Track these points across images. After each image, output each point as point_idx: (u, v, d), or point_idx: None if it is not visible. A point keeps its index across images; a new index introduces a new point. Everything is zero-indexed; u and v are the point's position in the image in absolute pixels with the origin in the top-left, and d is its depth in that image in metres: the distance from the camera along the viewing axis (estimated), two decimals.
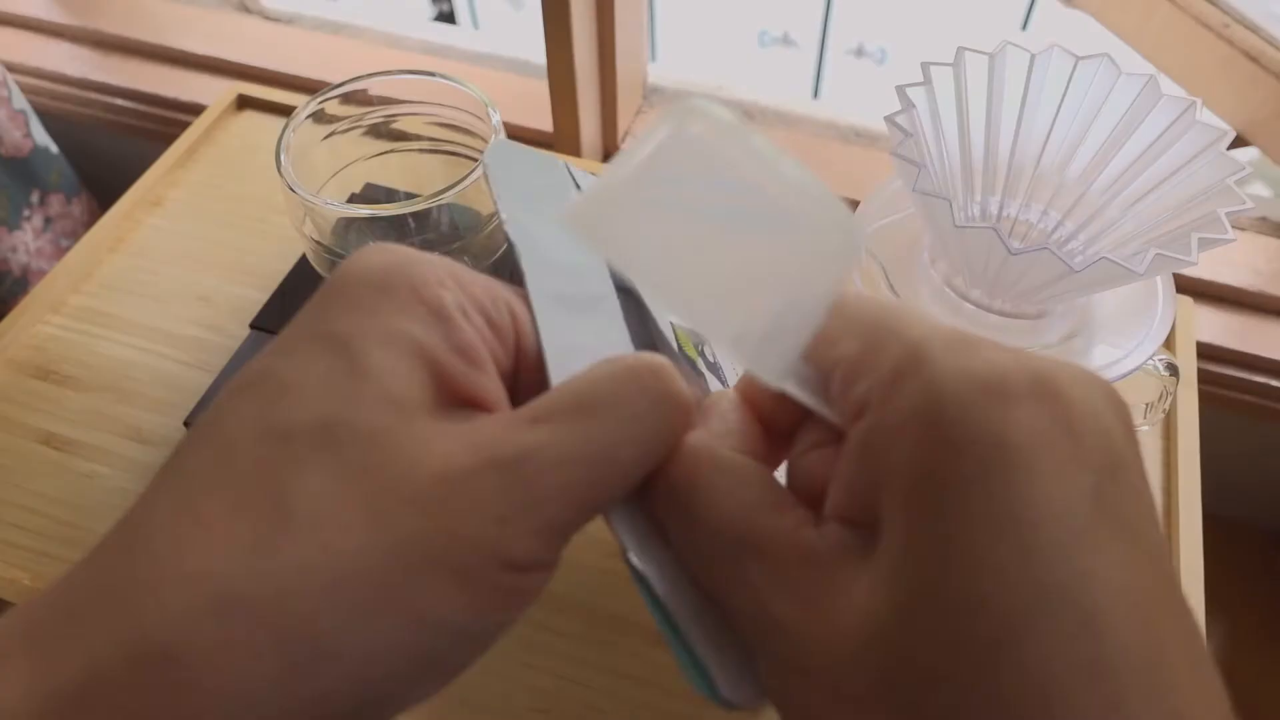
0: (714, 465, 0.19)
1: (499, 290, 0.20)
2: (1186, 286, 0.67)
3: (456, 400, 0.18)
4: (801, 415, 0.21)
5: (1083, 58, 0.37)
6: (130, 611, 0.15)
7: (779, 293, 0.19)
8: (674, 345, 0.26)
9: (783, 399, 0.20)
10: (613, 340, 0.23)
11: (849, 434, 0.18)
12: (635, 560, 0.19)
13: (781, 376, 0.19)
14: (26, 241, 0.84)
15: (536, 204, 0.24)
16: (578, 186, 0.27)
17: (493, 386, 0.19)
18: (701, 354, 0.27)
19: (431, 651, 0.17)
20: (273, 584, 0.15)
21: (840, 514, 0.18)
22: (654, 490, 0.19)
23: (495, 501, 0.17)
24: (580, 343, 0.21)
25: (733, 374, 0.29)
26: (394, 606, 0.16)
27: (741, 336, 0.18)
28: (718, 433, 0.20)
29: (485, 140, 0.42)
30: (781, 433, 0.21)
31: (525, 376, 0.20)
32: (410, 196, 0.40)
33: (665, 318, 0.26)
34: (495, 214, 0.20)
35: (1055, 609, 0.14)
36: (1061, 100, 0.37)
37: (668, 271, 0.18)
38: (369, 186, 0.48)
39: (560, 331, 0.21)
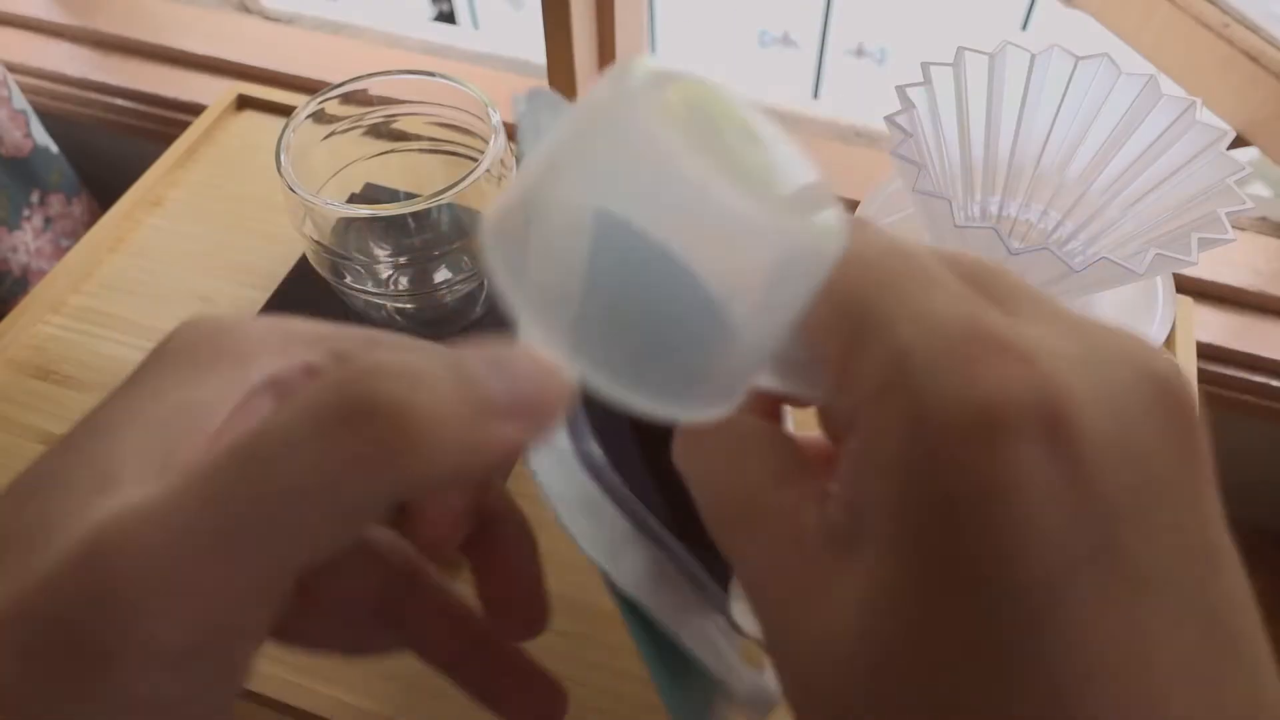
0: (720, 430, 0.17)
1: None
2: (1186, 286, 0.67)
3: None
4: None
5: (1083, 58, 0.37)
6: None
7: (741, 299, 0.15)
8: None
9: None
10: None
11: (842, 443, 0.16)
12: (618, 583, 0.19)
13: (733, 396, 0.16)
14: (26, 241, 0.84)
15: None
16: None
17: None
18: None
19: None
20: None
21: (840, 503, 0.17)
22: (674, 455, 0.19)
23: None
24: None
25: None
26: None
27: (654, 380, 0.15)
28: None
29: (485, 140, 0.42)
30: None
31: None
32: (410, 196, 0.40)
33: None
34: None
35: (1021, 677, 0.13)
36: (1061, 100, 0.37)
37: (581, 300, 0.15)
38: (369, 186, 0.48)
39: None
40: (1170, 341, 0.49)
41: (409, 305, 0.44)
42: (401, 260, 0.42)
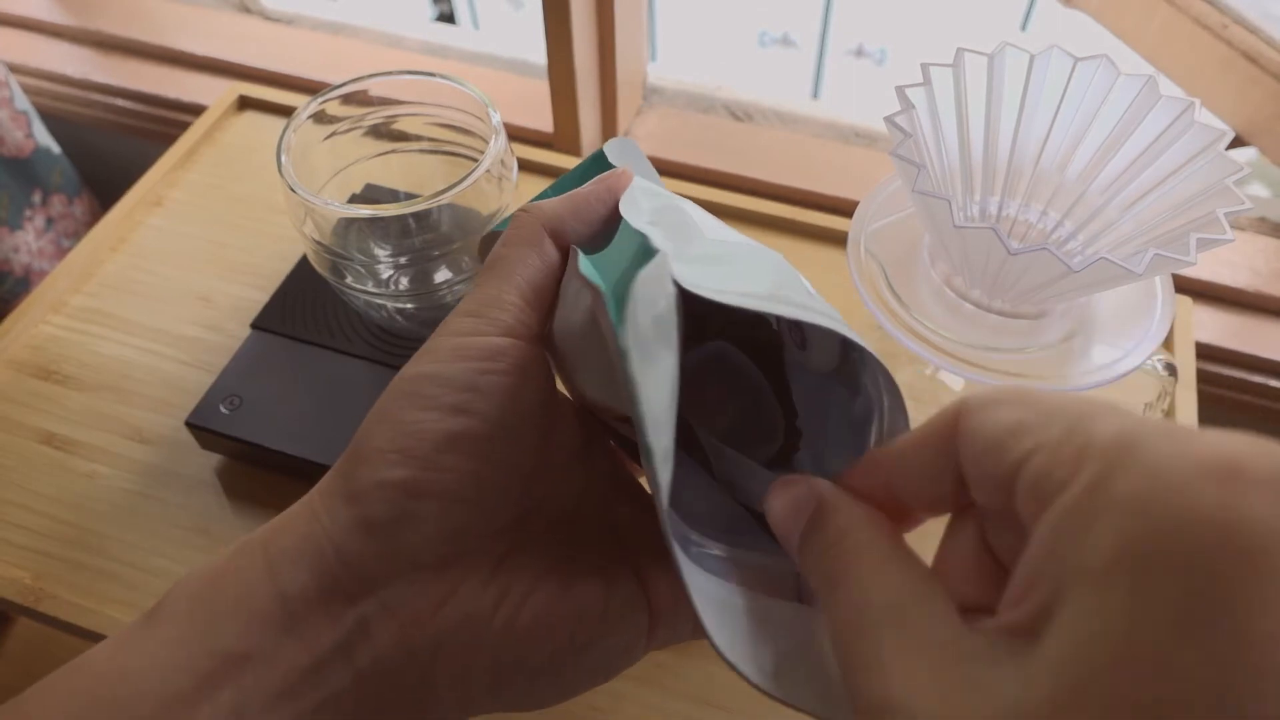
0: (861, 541, 0.20)
1: None
2: (1185, 286, 0.67)
3: None
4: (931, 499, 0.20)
5: (1082, 58, 0.37)
6: None
7: None
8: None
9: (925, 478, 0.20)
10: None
11: (1032, 530, 0.16)
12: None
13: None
14: (28, 242, 0.85)
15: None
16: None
17: None
18: None
19: None
20: None
21: (1005, 621, 0.16)
22: (806, 553, 0.20)
23: None
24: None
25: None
26: None
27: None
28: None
29: (485, 140, 0.42)
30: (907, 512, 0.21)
31: None
32: (410, 197, 0.40)
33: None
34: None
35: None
36: (1061, 100, 0.37)
37: None
38: (369, 187, 0.48)
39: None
40: (1169, 342, 0.49)
41: (409, 305, 0.44)
42: (402, 260, 0.42)
